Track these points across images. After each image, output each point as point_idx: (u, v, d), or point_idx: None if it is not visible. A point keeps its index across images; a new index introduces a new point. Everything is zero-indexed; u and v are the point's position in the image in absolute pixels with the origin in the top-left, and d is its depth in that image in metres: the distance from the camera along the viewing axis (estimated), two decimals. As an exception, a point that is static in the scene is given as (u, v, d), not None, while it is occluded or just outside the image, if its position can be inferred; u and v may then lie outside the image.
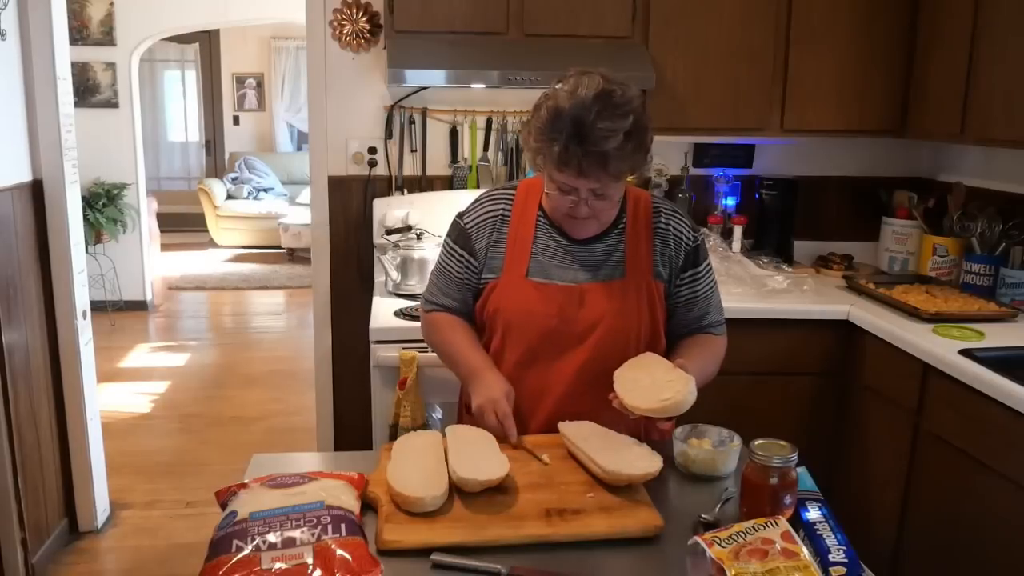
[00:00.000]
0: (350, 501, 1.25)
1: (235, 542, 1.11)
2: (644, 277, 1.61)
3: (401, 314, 2.54)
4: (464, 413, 1.77)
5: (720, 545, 1.10)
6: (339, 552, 1.10)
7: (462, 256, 1.66)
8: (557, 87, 1.49)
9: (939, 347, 2.20)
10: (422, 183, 3.12)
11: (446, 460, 1.38)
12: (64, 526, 3.01)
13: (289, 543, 1.11)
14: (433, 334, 1.73)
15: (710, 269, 1.70)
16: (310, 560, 1.08)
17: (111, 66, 5.95)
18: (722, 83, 2.84)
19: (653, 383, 1.45)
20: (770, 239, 3.22)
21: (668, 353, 1.64)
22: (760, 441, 1.28)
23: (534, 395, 1.61)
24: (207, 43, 9.64)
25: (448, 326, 1.69)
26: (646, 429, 1.72)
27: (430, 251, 2.75)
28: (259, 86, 9.89)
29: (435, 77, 2.70)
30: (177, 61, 9.84)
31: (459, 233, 1.68)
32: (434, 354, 2.36)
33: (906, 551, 2.34)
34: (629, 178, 1.59)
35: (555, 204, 1.55)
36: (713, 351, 1.68)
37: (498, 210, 1.65)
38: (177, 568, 2.88)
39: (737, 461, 1.49)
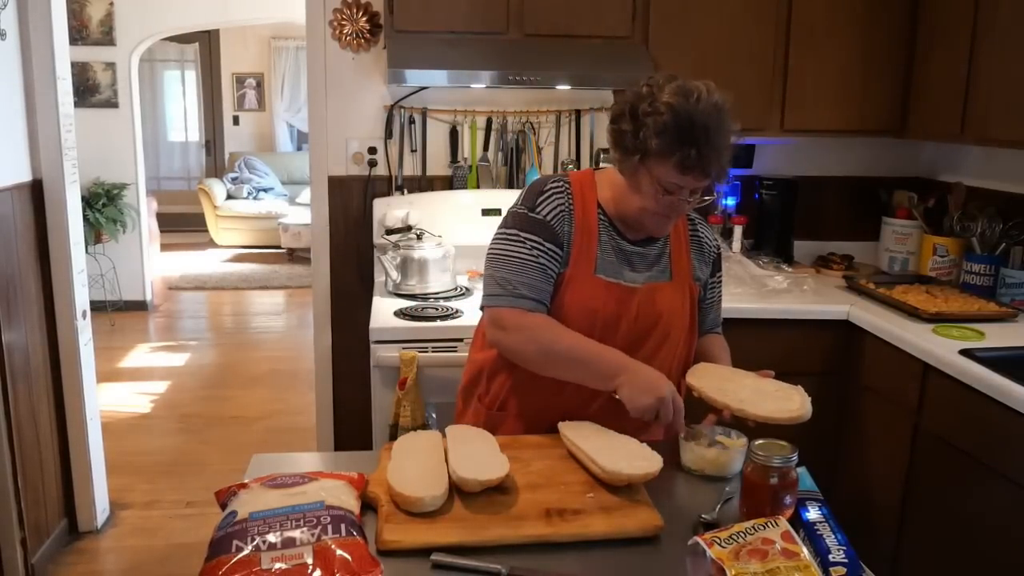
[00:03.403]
0: (350, 501, 1.25)
1: (235, 542, 1.11)
2: (687, 279, 1.68)
3: (401, 314, 2.54)
4: (480, 409, 1.72)
5: (720, 545, 1.10)
6: (339, 552, 1.10)
7: (554, 251, 1.59)
8: (661, 93, 1.50)
9: (939, 347, 2.20)
10: (422, 183, 3.12)
11: (446, 460, 1.38)
12: (64, 526, 3.01)
13: (289, 543, 1.11)
14: (546, 334, 1.55)
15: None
16: (310, 560, 1.08)
17: (111, 66, 5.94)
18: (722, 83, 2.81)
19: (757, 391, 1.50)
20: (770, 239, 3.22)
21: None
22: (760, 441, 1.28)
23: (585, 394, 1.59)
24: (207, 43, 9.64)
25: (560, 326, 1.56)
26: (668, 430, 1.72)
27: (430, 251, 2.76)
28: (259, 86, 9.89)
29: (435, 77, 2.70)
30: (177, 61, 9.84)
31: (542, 227, 1.58)
32: (435, 354, 2.40)
33: (906, 551, 2.34)
34: None
35: (654, 204, 1.53)
36: (728, 353, 1.77)
37: (566, 202, 1.62)
38: (177, 568, 2.88)
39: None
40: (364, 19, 2.98)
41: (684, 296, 1.67)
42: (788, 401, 1.46)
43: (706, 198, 1.57)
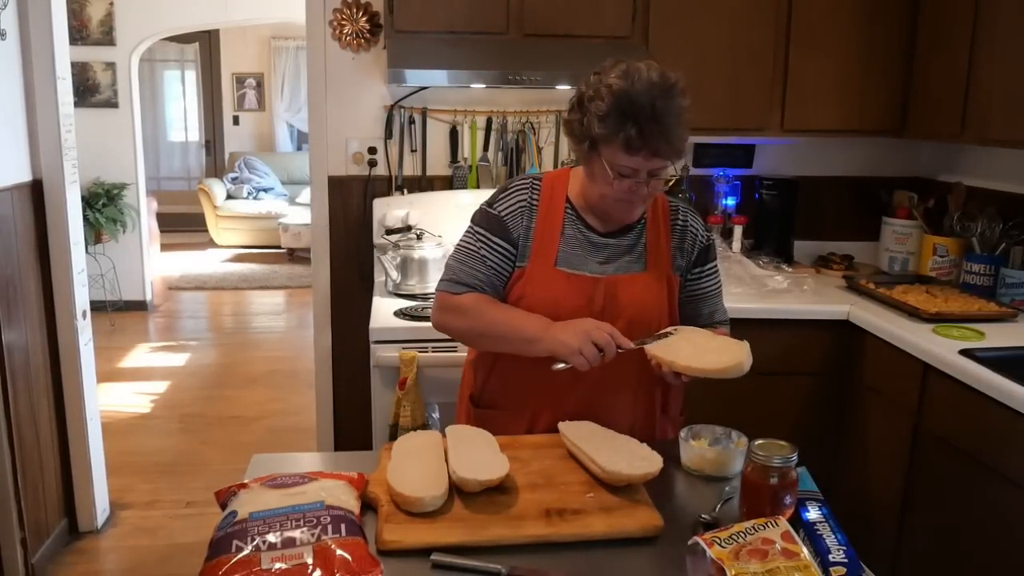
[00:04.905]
0: (350, 501, 1.25)
1: (235, 542, 1.11)
2: (664, 269, 1.66)
3: (401, 314, 2.54)
4: (473, 408, 1.76)
5: (720, 545, 1.10)
6: (339, 552, 1.10)
7: (499, 245, 1.64)
8: (607, 76, 1.50)
9: (939, 347, 2.20)
10: (422, 183, 3.12)
11: (446, 460, 1.38)
12: (64, 526, 3.01)
13: (289, 543, 1.11)
14: (471, 316, 1.61)
15: (718, 270, 1.76)
16: (310, 560, 1.08)
17: (111, 66, 5.95)
18: (722, 83, 2.84)
19: (701, 348, 1.47)
20: (770, 239, 3.22)
21: None
22: (760, 441, 1.28)
23: (556, 387, 1.60)
24: (207, 43, 9.64)
25: (489, 303, 1.62)
26: (662, 428, 1.73)
27: (430, 251, 2.76)
28: (259, 86, 9.89)
29: (435, 77, 2.70)
30: (177, 61, 9.84)
31: (493, 222, 1.65)
32: (435, 354, 2.40)
33: (906, 551, 2.35)
34: None
35: (612, 190, 1.54)
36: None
37: (526, 198, 1.66)
38: (177, 568, 2.88)
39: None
40: (364, 19, 2.98)
41: (660, 286, 1.65)
42: (724, 355, 1.44)
43: (666, 178, 1.56)
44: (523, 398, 1.66)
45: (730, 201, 3.21)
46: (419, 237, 2.81)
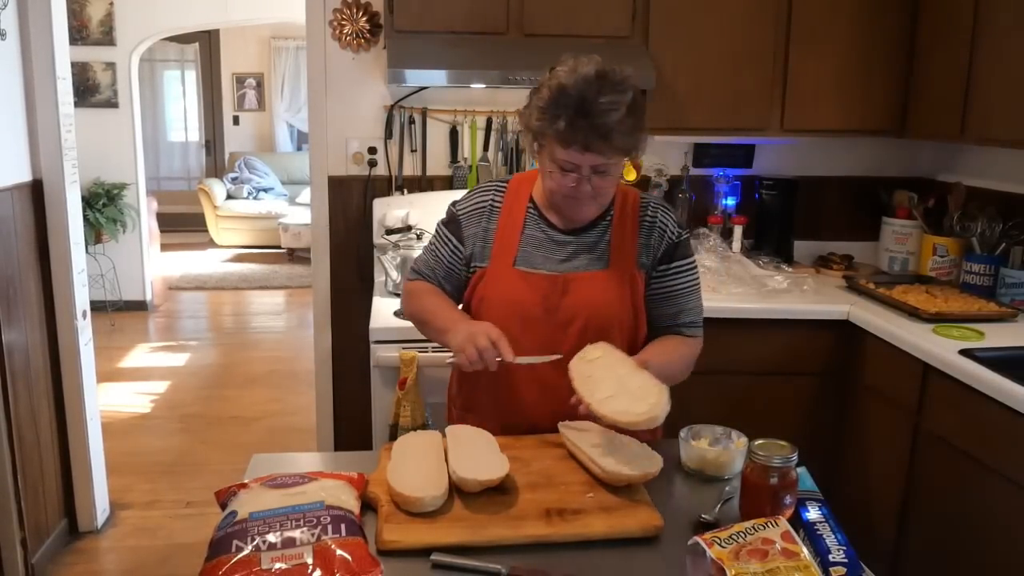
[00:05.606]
0: (350, 501, 1.25)
1: (235, 542, 1.11)
2: (628, 267, 1.63)
3: (401, 314, 2.54)
4: (454, 410, 1.78)
5: (720, 545, 1.10)
6: (339, 552, 1.10)
7: (450, 241, 1.70)
8: (556, 70, 1.52)
9: (939, 347, 2.20)
10: (422, 183, 3.12)
11: (446, 460, 1.38)
12: (64, 526, 3.01)
13: (289, 543, 1.11)
14: (413, 300, 1.74)
15: (691, 269, 1.68)
16: (310, 560, 1.08)
17: (111, 66, 5.95)
18: (722, 83, 2.84)
19: (620, 387, 1.39)
20: (770, 239, 3.22)
21: (645, 345, 1.63)
22: (760, 441, 1.28)
23: (519, 384, 1.61)
24: (207, 43, 9.64)
25: (429, 292, 1.71)
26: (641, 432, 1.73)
27: (430, 251, 2.76)
28: (259, 86, 9.89)
29: (435, 77, 2.70)
30: (177, 61, 9.84)
31: (451, 219, 1.72)
32: (435, 354, 2.40)
33: (906, 551, 2.35)
34: (626, 161, 1.58)
35: (556, 185, 1.55)
36: (682, 352, 1.65)
37: (488, 200, 1.69)
38: (177, 568, 2.88)
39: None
40: (364, 19, 2.98)
41: (620, 284, 1.61)
42: (639, 403, 1.34)
43: (614, 175, 1.54)
44: (493, 402, 1.67)
45: (730, 201, 3.21)
46: (419, 237, 2.81)
